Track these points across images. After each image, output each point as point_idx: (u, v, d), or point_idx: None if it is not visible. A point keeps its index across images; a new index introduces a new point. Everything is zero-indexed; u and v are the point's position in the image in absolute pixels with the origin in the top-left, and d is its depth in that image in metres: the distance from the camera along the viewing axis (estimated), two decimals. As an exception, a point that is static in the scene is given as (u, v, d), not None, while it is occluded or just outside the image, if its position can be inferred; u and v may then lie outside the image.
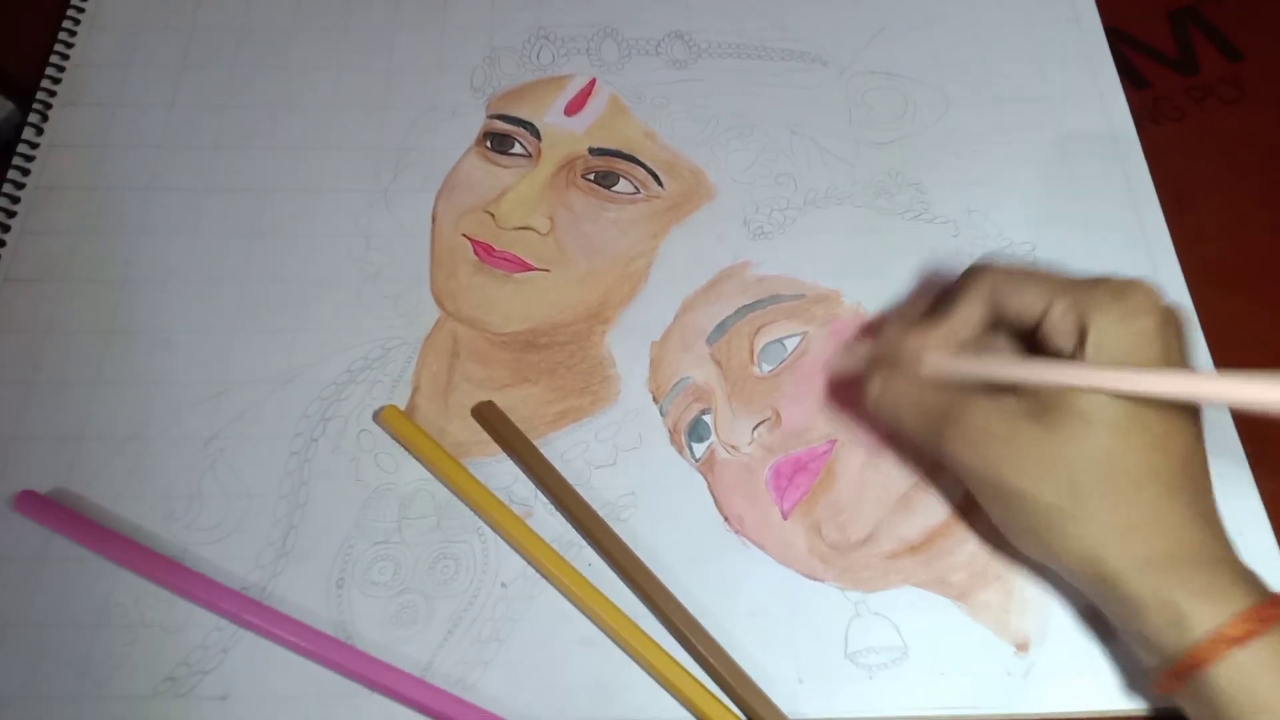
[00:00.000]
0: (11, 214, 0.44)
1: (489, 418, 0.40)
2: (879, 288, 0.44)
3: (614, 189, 0.46)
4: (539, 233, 0.45)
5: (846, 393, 0.41)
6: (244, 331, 0.42)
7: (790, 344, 0.42)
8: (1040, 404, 0.33)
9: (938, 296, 0.41)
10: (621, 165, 0.46)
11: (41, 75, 0.48)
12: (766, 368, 0.42)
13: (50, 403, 0.41)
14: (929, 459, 0.40)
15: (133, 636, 0.36)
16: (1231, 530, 0.33)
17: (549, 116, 0.48)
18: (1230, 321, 0.43)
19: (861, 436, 0.40)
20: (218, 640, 0.36)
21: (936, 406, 0.35)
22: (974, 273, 0.37)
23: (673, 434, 0.41)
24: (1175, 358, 0.33)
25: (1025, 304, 0.35)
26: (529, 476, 0.40)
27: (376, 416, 0.40)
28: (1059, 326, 0.34)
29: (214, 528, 0.38)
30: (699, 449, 0.40)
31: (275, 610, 0.36)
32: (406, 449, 0.40)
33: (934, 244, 0.45)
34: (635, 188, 0.46)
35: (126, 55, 0.49)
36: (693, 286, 0.44)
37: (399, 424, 0.40)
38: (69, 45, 0.49)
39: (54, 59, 0.48)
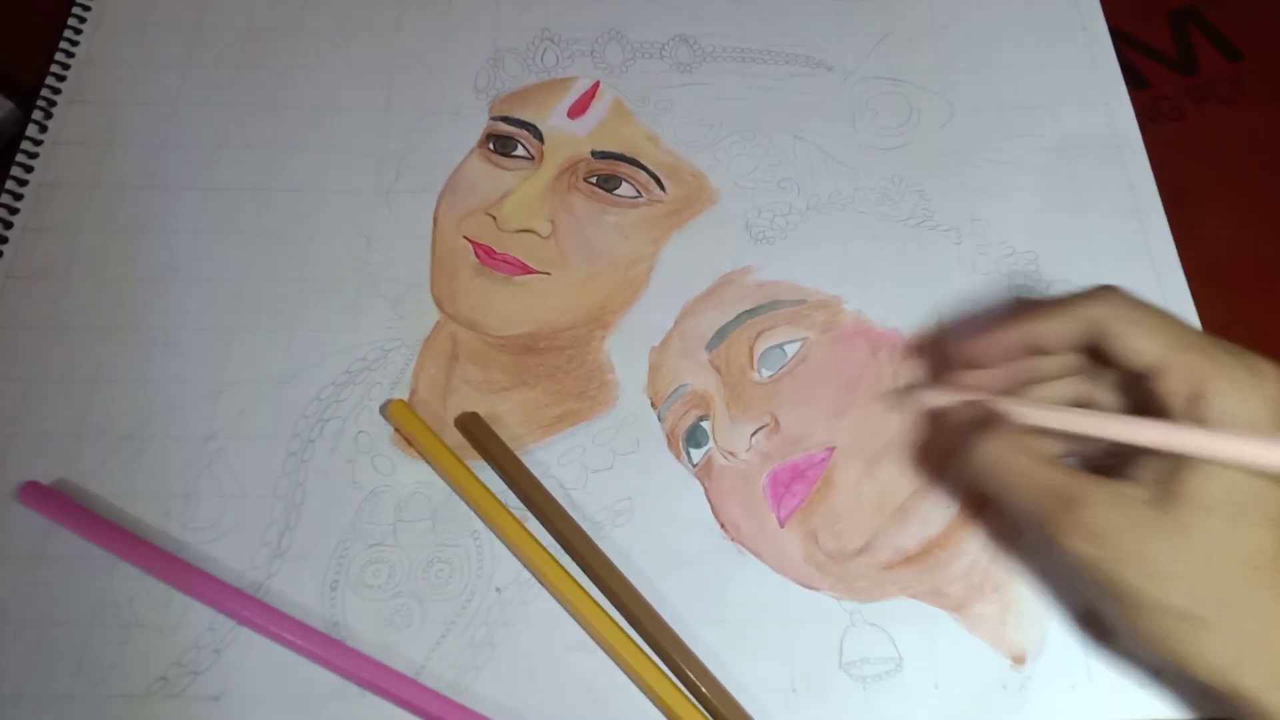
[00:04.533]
0: (14, 211, 0.44)
1: (473, 430, 0.40)
2: (881, 294, 0.44)
3: (616, 193, 0.46)
4: (540, 236, 0.45)
5: (930, 453, 0.40)
6: (243, 331, 0.42)
7: (790, 349, 0.42)
8: (1163, 491, 0.31)
9: (1019, 304, 0.38)
10: (624, 169, 0.46)
11: (46, 73, 0.48)
12: (766, 373, 0.42)
13: (49, 400, 0.41)
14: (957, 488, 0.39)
15: (126, 636, 0.36)
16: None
17: (552, 119, 0.48)
18: (1230, 322, 0.43)
19: (866, 447, 0.40)
20: (211, 640, 0.36)
21: (1051, 490, 0.32)
22: (1093, 292, 0.34)
23: (670, 440, 0.41)
24: None
25: (1138, 349, 0.32)
26: (512, 489, 0.39)
27: (383, 410, 0.40)
28: (1173, 384, 0.31)
29: (210, 527, 0.38)
30: (696, 455, 0.40)
31: (274, 607, 0.36)
32: (411, 444, 0.40)
33: (937, 251, 0.45)
34: (637, 191, 0.46)
35: (130, 54, 0.49)
36: (693, 291, 0.44)
37: (405, 418, 0.40)
38: (73, 43, 0.49)
39: (58, 57, 0.48)
